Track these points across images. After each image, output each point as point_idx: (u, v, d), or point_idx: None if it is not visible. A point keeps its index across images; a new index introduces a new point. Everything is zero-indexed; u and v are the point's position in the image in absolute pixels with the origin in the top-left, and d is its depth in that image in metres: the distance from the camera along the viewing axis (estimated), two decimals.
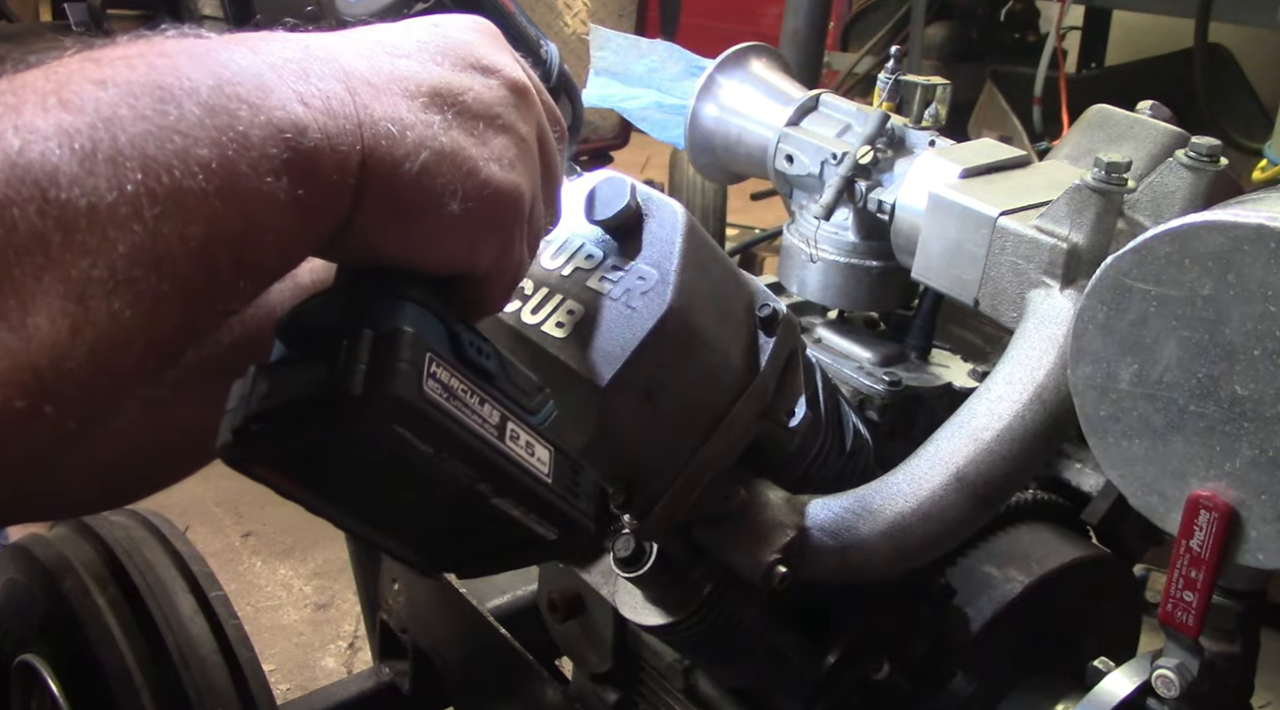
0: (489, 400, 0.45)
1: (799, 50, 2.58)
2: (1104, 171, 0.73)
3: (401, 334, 0.42)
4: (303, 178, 0.39)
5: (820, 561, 0.71)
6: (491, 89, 0.48)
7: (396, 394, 0.40)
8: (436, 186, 0.44)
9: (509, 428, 0.45)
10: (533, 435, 0.47)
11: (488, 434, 0.44)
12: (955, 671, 0.85)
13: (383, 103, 0.44)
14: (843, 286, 0.97)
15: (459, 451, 0.43)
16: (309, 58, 0.43)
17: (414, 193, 0.44)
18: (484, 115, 0.47)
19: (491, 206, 0.47)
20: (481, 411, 0.44)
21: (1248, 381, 0.58)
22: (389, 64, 0.45)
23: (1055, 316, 0.74)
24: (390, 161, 0.43)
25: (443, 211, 0.45)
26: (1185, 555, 0.62)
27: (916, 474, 0.71)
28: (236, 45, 0.43)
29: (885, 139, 0.92)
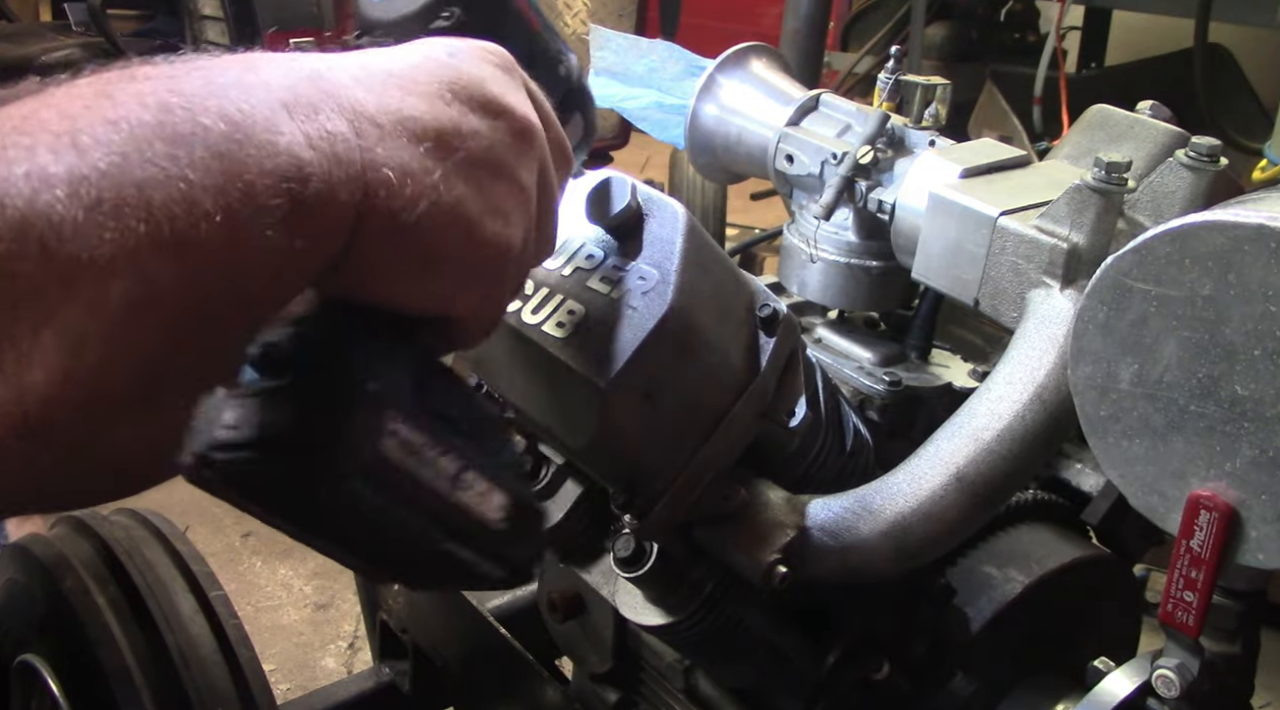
0: (448, 451, 0.46)
1: (799, 50, 2.58)
2: (1104, 171, 0.73)
3: (366, 389, 0.43)
4: (301, 225, 0.39)
5: (820, 561, 0.71)
6: (497, 133, 0.48)
7: (352, 452, 0.42)
8: (430, 239, 0.44)
9: (465, 477, 0.47)
10: (489, 482, 0.48)
11: (441, 487, 0.45)
12: (955, 671, 0.85)
13: (387, 147, 0.43)
14: (843, 286, 0.97)
15: (409, 504, 0.44)
16: (319, 91, 0.42)
17: (407, 244, 0.44)
18: (487, 163, 0.47)
19: (482, 261, 0.47)
20: (438, 464, 0.45)
21: (1248, 381, 0.58)
22: (397, 101, 0.45)
23: (1055, 316, 0.74)
24: (388, 211, 0.42)
25: (432, 262, 0.45)
26: (1185, 555, 0.62)
27: (916, 474, 0.71)
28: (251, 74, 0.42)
29: (885, 139, 0.92)
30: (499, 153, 0.48)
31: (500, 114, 0.48)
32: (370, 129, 0.43)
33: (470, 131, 0.46)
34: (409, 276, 0.45)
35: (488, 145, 0.47)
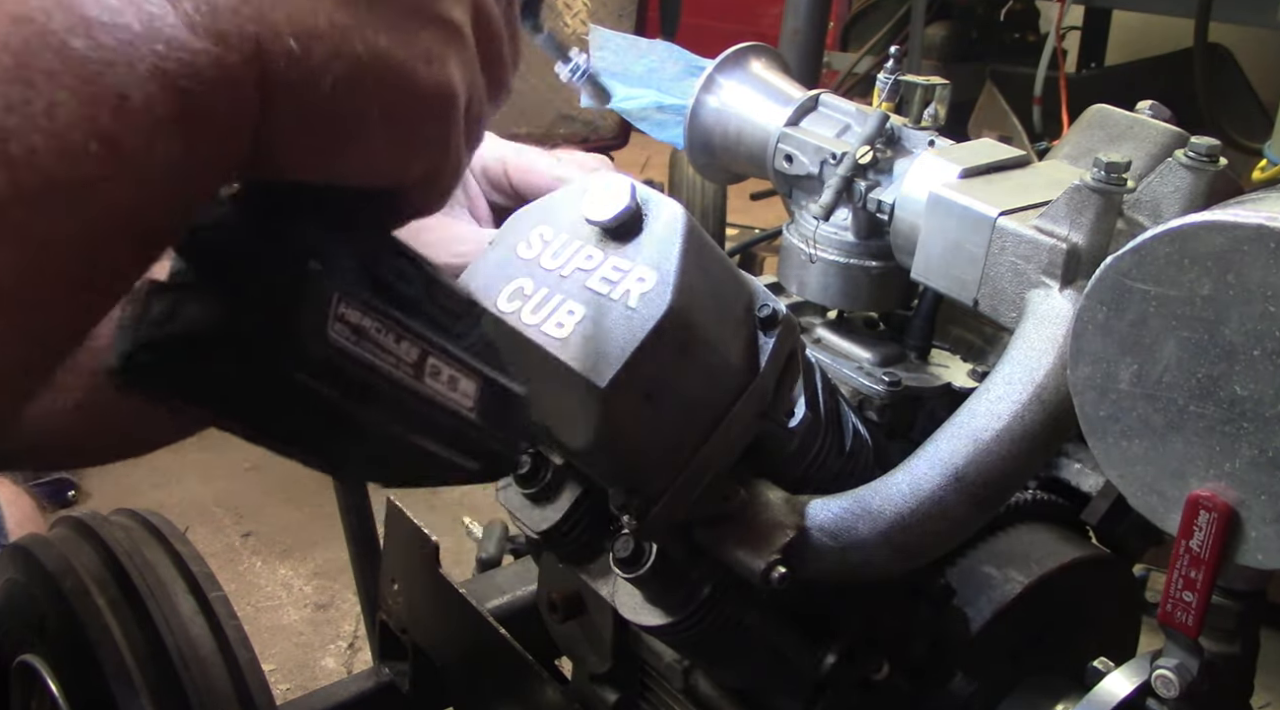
0: (406, 336, 0.42)
1: (799, 50, 2.58)
2: (1104, 171, 0.73)
3: (305, 272, 0.39)
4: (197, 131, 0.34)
5: (820, 561, 0.71)
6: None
7: (296, 341, 0.38)
8: (353, 104, 0.39)
9: (429, 363, 0.43)
10: (456, 368, 0.44)
11: (402, 375, 0.41)
12: (955, 671, 0.85)
13: (282, 6, 0.37)
14: (842, 286, 0.97)
15: (367, 396, 0.41)
16: None
17: (325, 114, 0.38)
18: (410, 8, 0.41)
19: (420, 116, 0.42)
20: (397, 350, 0.41)
21: (1248, 381, 0.58)
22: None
23: (1055, 317, 0.74)
24: (296, 83, 0.37)
25: (362, 130, 0.40)
26: (1185, 555, 0.62)
27: (916, 474, 0.71)
28: None
29: (885, 139, 0.92)
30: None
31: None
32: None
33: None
34: (335, 150, 0.40)
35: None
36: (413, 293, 0.43)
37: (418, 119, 0.42)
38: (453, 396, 0.44)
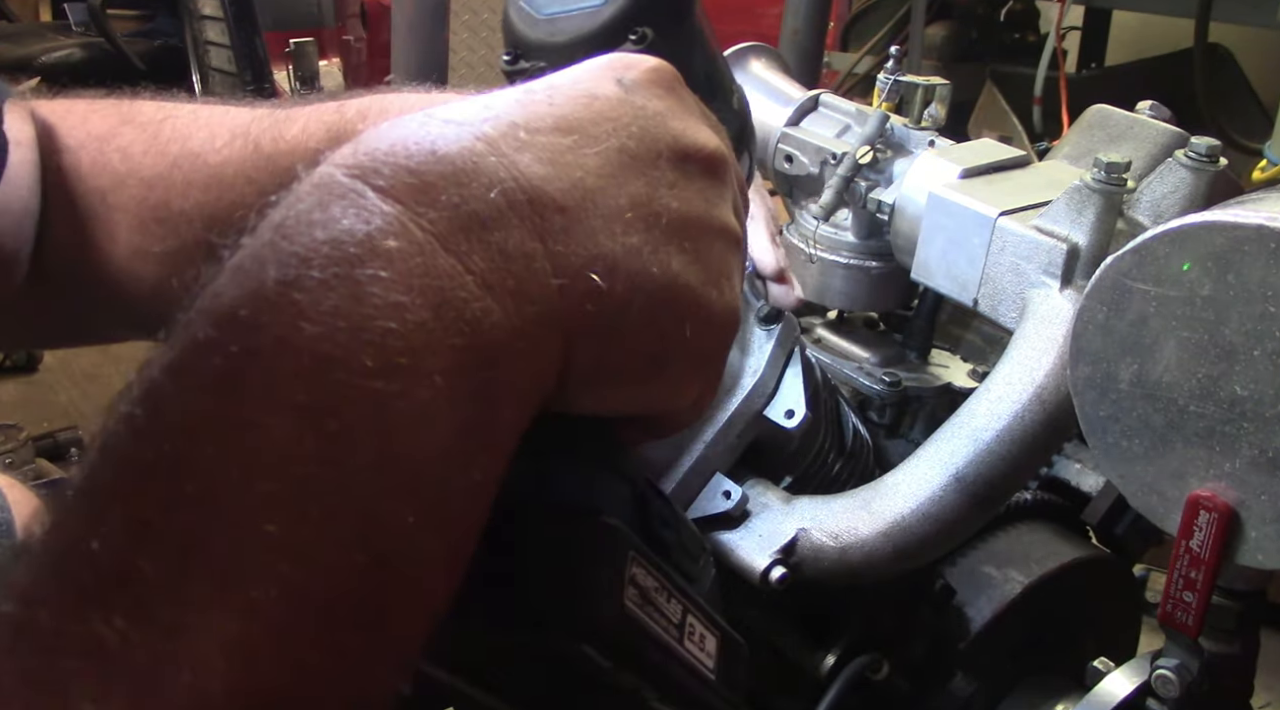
0: (674, 594, 0.38)
1: (799, 50, 2.58)
2: (1104, 171, 0.73)
3: (605, 529, 0.35)
4: (497, 402, 0.31)
5: (820, 562, 0.71)
6: (694, 181, 0.39)
7: (595, 617, 0.34)
8: (652, 340, 0.36)
9: (688, 622, 0.39)
10: (705, 624, 0.40)
11: (670, 640, 0.37)
12: (955, 671, 0.85)
13: (578, 237, 0.34)
14: (843, 286, 0.97)
15: (640, 666, 0.36)
16: (477, 181, 0.32)
17: (628, 350, 0.35)
18: (695, 221, 0.38)
19: (711, 343, 0.39)
20: (667, 610, 0.37)
21: (1247, 381, 0.58)
22: (576, 167, 0.35)
23: (1055, 317, 0.74)
24: (599, 327, 0.34)
25: (658, 361, 0.37)
26: (1185, 555, 0.62)
27: (916, 474, 0.71)
28: (379, 221, 0.31)
29: (885, 139, 0.92)
30: (700, 203, 0.39)
31: (689, 155, 0.39)
32: (556, 219, 0.33)
33: (668, 186, 0.37)
34: (633, 383, 0.37)
35: (688, 196, 0.38)
36: (670, 537, 0.39)
37: (712, 344, 0.39)
38: (700, 657, 0.39)
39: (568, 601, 0.33)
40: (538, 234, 0.33)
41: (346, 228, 0.30)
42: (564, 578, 0.33)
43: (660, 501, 0.40)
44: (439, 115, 0.35)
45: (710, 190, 0.40)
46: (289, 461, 0.27)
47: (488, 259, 0.31)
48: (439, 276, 0.30)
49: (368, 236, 0.30)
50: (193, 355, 0.29)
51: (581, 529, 0.35)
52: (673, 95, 0.41)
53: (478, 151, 0.33)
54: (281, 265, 0.29)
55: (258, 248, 0.30)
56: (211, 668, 0.26)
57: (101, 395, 2.82)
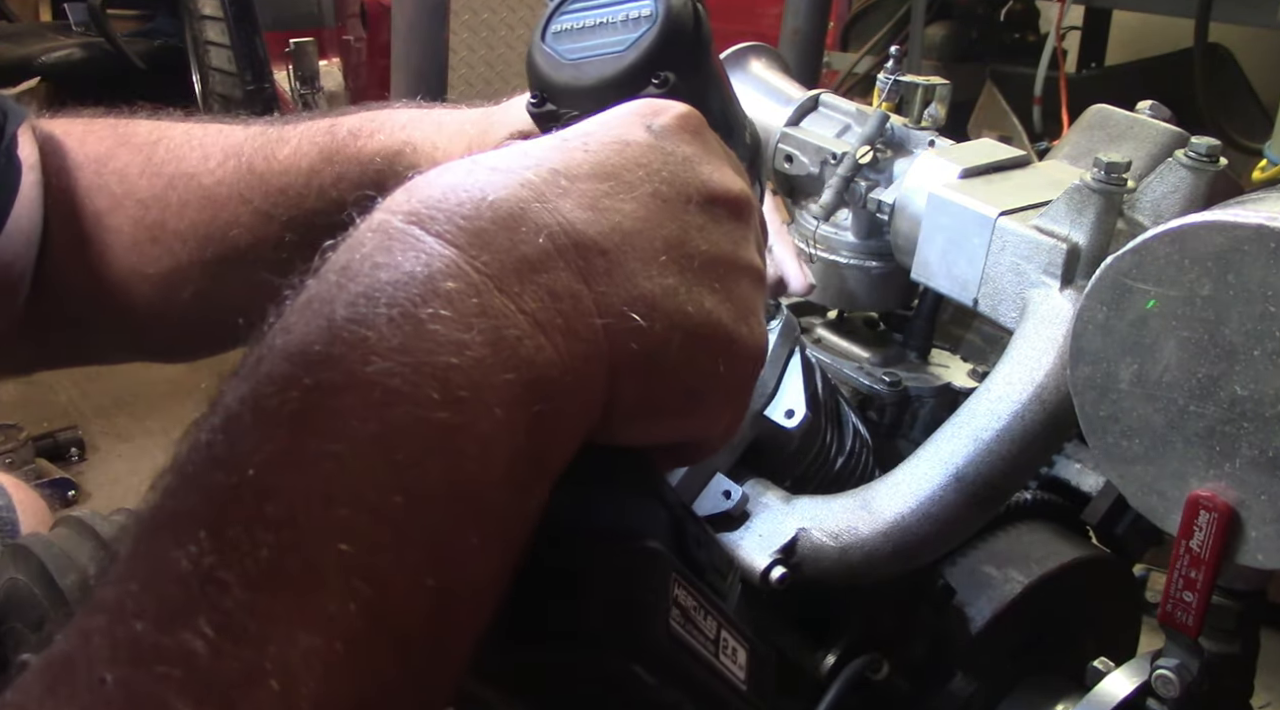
0: (710, 612, 0.39)
1: (799, 50, 2.58)
2: (1104, 171, 0.73)
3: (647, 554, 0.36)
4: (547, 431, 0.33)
5: (820, 561, 0.71)
6: (722, 224, 0.41)
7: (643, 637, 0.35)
8: (692, 372, 0.38)
9: (722, 637, 0.40)
10: (737, 638, 0.42)
11: (708, 655, 0.39)
12: (955, 671, 0.85)
13: (619, 278, 0.36)
14: (842, 286, 0.97)
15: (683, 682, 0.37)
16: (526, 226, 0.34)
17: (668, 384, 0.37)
18: (724, 261, 0.40)
19: (740, 377, 0.41)
20: (704, 627, 0.39)
21: (1247, 381, 0.58)
22: (615, 212, 0.37)
23: (1055, 317, 0.74)
24: (641, 363, 0.36)
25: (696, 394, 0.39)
26: (1185, 555, 0.62)
27: (916, 474, 0.71)
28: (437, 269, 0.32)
29: (885, 139, 0.92)
30: (728, 244, 0.41)
31: (716, 198, 0.41)
32: (597, 260, 0.35)
33: (698, 228, 0.39)
34: (672, 416, 0.38)
35: (716, 238, 0.40)
36: (703, 557, 0.41)
37: (742, 376, 0.41)
38: (734, 670, 0.41)
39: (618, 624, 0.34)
40: (582, 276, 0.35)
41: (408, 270, 0.32)
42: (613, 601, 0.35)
43: (693, 523, 0.41)
44: (484, 163, 0.37)
45: (736, 231, 0.42)
46: (362, 488, 0.29)
47: (538, 299, 0.33)
48: (495, 316, 0.32)
49: (428, 277, 0.32)
50: (268, 388, 0.30)
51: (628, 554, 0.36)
52: (699, 140, 0.43)
53: (524, 198, 0.35)
54: (349, 304, 0.31)
55: (324, 288, 0.32)
56: (296, 678, 0.27)
57: (101, 395, 2.82)
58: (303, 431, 0.29)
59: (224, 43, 3.10)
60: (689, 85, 0.48)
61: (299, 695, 0.27)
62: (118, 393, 2.81)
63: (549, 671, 0.36)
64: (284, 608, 0.28)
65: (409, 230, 0.33)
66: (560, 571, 0.35)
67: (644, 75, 0.47)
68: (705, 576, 0.40)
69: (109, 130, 0.71)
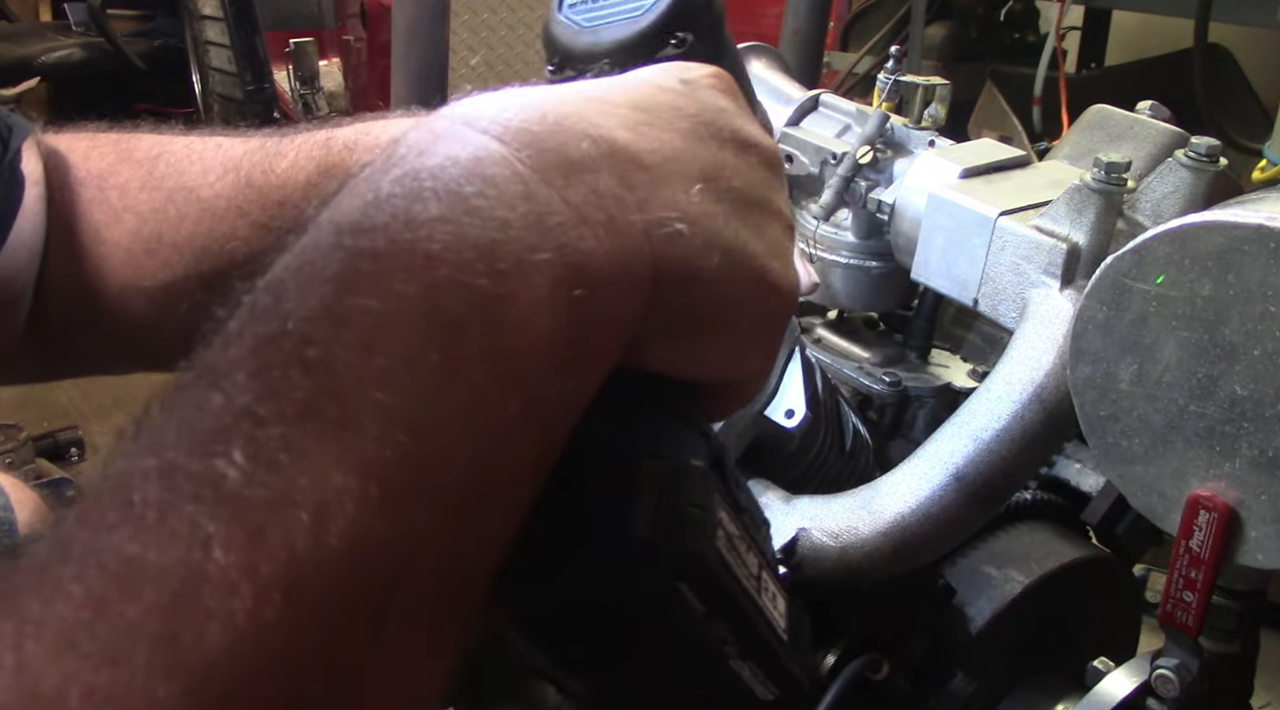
0: (752, 547, 0.39)
1: (799, 50, 2.58)
2: (1104, 171, 0.73)
3: (693, 469, 0.36)
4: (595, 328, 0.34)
5: (820, 561, 0.71)
6: (755, 169, 0.42)
7: (692, 548, 0.34)
8: (729, 294, 0.38)
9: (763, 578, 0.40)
10: (777, 583, 0.41)
11: (753, 591, 0.38)
12: (955, 671, 0.85)
13: (662, 193, 0.37)
14: (842, 286, 0.97)
15: (730, 612, 0.37)
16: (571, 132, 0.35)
17: (705, 305, 0.38)
18: (757, 202, 0.41)
19: (774, 311, 0.41)
20: (747, 560, 0.38)
21: (1247, 381, 0.58)
22: (654, 137, 0.38)
23: (1055, 316, 0.74)
24: (683, 272, 0.36)
25: (734, 322, 0.39)
26: (1185, 555, 0.62)
27: (916, 474, 0.71)
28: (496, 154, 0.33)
29: (885, 139, 0.92)
30: (762, 188, 0.42)
31: (749, 146, 0.42)
32: (639, 174, 0.36)
33: (732, 167, 0.40)
34: (711, 337, 0.39)
35: (750, 179, 0.41)
36: (744, 500, 0.40)
37: (774, 313, 0.41)
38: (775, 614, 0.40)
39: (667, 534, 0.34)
40: (625, 183, 0.36)
41: (453, 154, 0.33)
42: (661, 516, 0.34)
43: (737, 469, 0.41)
44: (526, 89, 0.38)
45: (770, 179, 0.43)
46: (403, 341, 0.30)
47: (581, 195, 0.34)
48: (538, 203, 0.33)
49: (475, 161, 0.33)
50: (311, 253, 0.31)
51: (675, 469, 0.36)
52: (731, 97, 0.44)
53: (568, 111, 0.37)
54: (394, 181, 0.33)
55: (371, 172, 0.34)
56: (328, 513, 0.27)
57: (101, 395, 2.82)
58: (343, 289, 0.30)
59: (224, 43, 3.10)
60: (706, 48, 0.48)
61: (329, 530, 0.27)
62: (118, 393, 2.81)
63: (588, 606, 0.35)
64: (318, 445, 0.28)
65: (456, 127, 0.35)
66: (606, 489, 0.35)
67: (662, 37, 0.48)
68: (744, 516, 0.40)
69: (111, 146, 0.71)
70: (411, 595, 0.30)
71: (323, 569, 0.27)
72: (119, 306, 0.69)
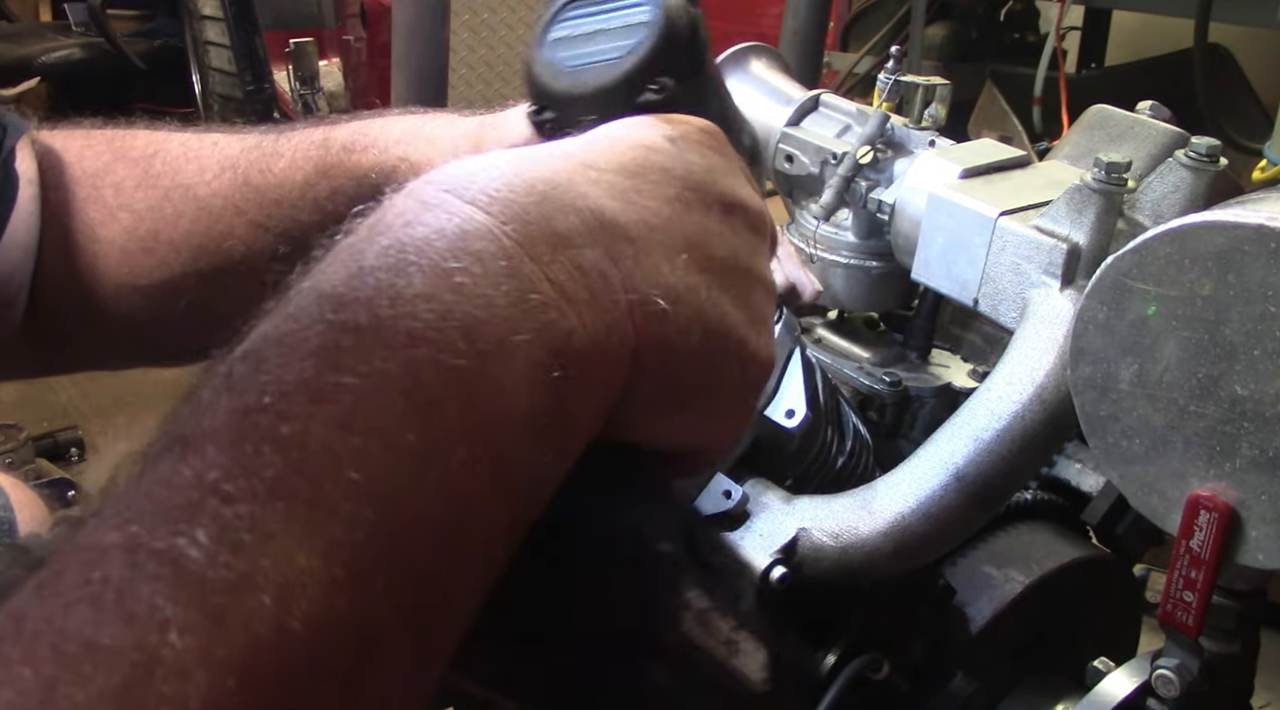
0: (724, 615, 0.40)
1: (799, 50, 2.58)
2: (1104, 171, 0.73)
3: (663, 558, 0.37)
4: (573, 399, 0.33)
5: (820, 561, 0.71)
6: (740, 234, 0.42)
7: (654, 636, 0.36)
8: (708, 368, 0.38)
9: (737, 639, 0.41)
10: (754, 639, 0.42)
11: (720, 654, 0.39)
12: (955, 671, 0.85)
13: (645, 267, 0.36)
14: (843, 286, 0.97)
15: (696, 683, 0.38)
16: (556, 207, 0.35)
17: (685, 380, 0.38)
18: (740, 269, 0.41)
19: (751, 380, 0.41)
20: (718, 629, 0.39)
21: (1248, 381, 0.58)
22: (641, 206, 0.38)
23: (1055, 317, 0.74)
24: (665, 349, 0.36)
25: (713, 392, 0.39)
26: (1185, 555, 0.62)
27: (916, 474, 0.71)
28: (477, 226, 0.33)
29: (885, 139, 0.92)
30: (746, 255, 0.42)
31: (735, 209, 0.42)
32: (624, 246, 0.36)
33: (718, 235, 0.40)
34: (689, 410, 0.39)
35: (735, 247, 0.41)
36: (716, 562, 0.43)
37: (751, 382, 0.41)
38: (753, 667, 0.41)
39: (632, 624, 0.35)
40: (610, 258, 0.36)
41: (439, 227, 0.33)
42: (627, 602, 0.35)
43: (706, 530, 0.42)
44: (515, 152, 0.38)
45: (754, 243, 0.43)
46: (377, 421, 0.30)
47: (566, 272, 0.34)
48: (522, 279, 0.33)
49: (460, 236, 0.33)
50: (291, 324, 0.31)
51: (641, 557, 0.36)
52: (719, 154, 0.44)
53: (556, 180, 0.36)
54: (379, 253, 0.32)
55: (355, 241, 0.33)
56: (290, 596, 0.27)
57: (101, 395, 2.82)
58: (323, 365, 0.30)
59: (224, 43, 3.10)
60: (687, 90, 0.47)
61: (291, 612, 0.26)
62: (118, 393, 2.81)
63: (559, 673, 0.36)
64: (285, 526, 0.27)
65: (443, 196, 0.34)
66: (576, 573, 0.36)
67: (641, 82, 0.47)
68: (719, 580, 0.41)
69: (106, 144, 0.71)
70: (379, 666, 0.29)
71: (282, 651, 0.26)
72: (115, 303, 0.69)
